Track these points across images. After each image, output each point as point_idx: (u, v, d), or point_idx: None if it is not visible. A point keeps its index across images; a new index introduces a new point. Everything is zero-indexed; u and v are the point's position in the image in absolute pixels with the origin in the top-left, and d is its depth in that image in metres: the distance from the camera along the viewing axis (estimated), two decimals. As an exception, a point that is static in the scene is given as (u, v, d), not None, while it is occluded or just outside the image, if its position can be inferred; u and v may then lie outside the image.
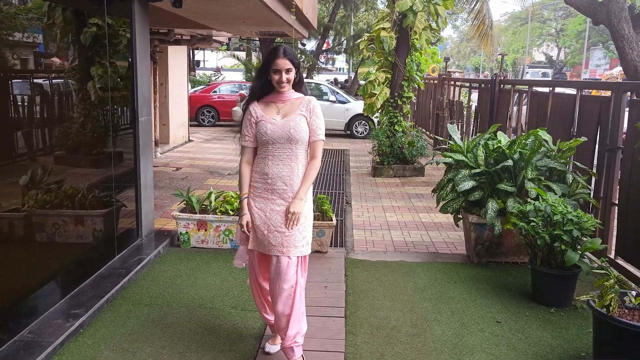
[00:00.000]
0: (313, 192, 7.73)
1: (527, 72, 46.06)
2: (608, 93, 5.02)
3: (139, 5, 4.86)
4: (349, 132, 15.27)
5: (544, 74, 43.72)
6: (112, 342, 3.41)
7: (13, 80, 3.68)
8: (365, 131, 14.91)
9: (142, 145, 5.14)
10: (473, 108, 10.20)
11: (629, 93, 4.77)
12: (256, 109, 3.05)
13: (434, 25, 9.45)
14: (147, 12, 5.07)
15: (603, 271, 3.37)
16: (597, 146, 5.15)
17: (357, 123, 15.23)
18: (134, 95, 4.96)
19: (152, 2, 4.91)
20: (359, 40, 10.14)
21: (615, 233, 4.83)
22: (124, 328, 3.61)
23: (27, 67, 3.84)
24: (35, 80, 3.99)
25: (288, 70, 2.96)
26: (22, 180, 3.62)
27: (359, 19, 27.77)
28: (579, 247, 4.03)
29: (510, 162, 4.73)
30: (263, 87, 3.06)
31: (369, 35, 9.67)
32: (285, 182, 3.00)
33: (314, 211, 5.20)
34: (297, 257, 3.02)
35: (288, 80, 2.98)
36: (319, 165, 3.04)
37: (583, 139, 4.94)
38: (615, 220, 4.86)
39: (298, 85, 3.08)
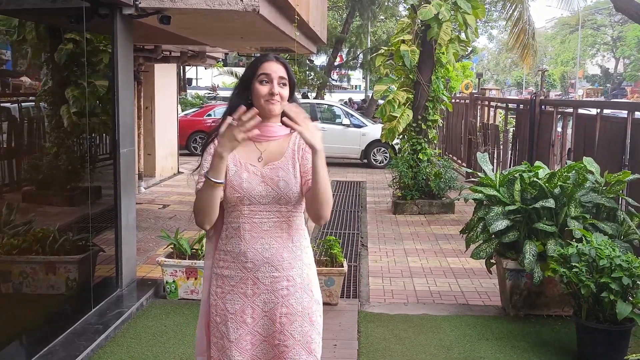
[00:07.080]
0: (321, 232, 7.88)
1: None
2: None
3: (122, 23, 5.11)
4: (365, 160, 15.48)
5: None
6: (86, 410, 3.53)
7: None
8: (385, 160, 15.08)
9: (124, 181, 5.32)
10: (511, 132, 10.36)
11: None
12: None
13: (462, 36, 9.70)
14: (131, 30, 5.33)
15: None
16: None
17: (375, 150, 15.44)
18: (115, 124, 5.17)
19: (137, 19, 5.16)
20: (374, 54, 10.37)
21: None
22: (100, 394, 3.72)
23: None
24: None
25: (282, 81, 2.30)
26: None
27: (377, 28, 28.27)
28: (631, 297, 4.10)
29: (551, 203, 4.80)
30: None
31: (386, 49, 9.90)
32: (275, 265, 2.30)
33: (319, 255, 5.33)
34: None
35: (282, 97, 2.30)
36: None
37: (636, 176, 5.02)
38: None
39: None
